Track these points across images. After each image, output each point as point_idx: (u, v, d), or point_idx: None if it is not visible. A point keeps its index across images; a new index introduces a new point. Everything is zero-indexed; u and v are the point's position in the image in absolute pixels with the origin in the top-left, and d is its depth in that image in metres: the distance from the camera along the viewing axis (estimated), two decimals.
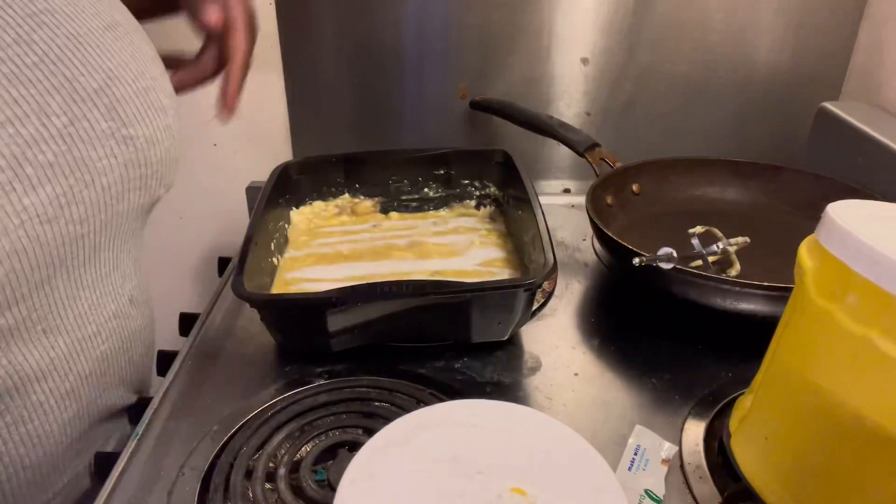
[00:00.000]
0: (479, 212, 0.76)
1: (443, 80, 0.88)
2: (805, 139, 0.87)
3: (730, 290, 0.53)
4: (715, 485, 0.44)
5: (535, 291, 0.54)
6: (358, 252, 0.69)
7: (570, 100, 0.89)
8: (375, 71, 0.86)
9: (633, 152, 0.79)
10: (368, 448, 0.35)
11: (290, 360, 0.56)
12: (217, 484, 0.43)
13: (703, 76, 0.88)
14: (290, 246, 0.70)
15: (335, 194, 0.76)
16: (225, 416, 0.50)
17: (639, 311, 0.64)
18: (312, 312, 0.53)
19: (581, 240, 0.76)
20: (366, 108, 0.89)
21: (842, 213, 0.35)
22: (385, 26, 0.84)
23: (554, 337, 0.59)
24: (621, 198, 0.74)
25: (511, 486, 0.33)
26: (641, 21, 0.84)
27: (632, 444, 0.47)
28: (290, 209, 0.74)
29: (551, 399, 0.52)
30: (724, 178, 0.78)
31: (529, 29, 0.84)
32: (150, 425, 0.49)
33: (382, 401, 0.50)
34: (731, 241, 0.61)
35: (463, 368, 0.55)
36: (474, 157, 0.76)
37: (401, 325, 0.55)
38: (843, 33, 0.86)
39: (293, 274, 0.65)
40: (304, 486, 0.43)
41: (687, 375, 0.54)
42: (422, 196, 0.77)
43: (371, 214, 0.77)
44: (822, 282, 0.36)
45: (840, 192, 0.57)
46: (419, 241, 0.70)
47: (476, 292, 0.52)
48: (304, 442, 0.47)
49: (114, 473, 0.45)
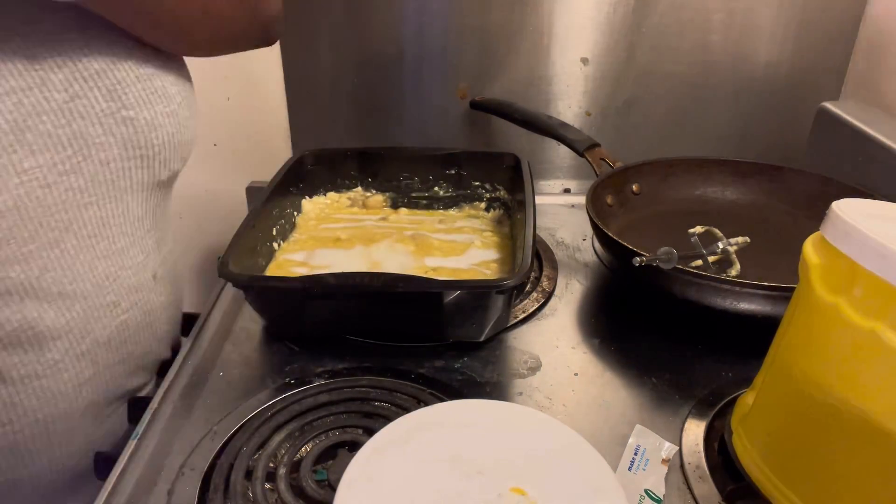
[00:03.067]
0: (488, 214, 0.76)
1: (443, 80, 0.88)
2: (805, 139, 0.87)
3: (730, 290, 0.53)
4: (715, 484, 0.44)
5: (511, 294, 0.54)
6: (355, 238, 0.70)
7: (570, 100, 0.89)
8: (375, 71, 0.87)
9: (633, 152, 0.80)
10: (368, 448, 0.35)
11: (291, 359, 0.56)
12: (217, 484, 0.43)
13: (703, 76, 0.88)
14: (296, 231, 0.72)
15: (348, 187, 0.78)
16: (225, 416, 0.50)
17: (639, 311, 0.64)
18: (285, 298, 0.55)
19: (581, 240, 0.76)
20: (366, 108, 0.89)
21: (847, 210, 0.35)
22: (385, 26, 0.84)
23: (554, 337, 0.59)
24: (621, 198, 0.74)
25: (511, 486, 0.33)
26: (641, 21, 0.84)
27: (632, 444, 0.47)
28: (303, 198, 0.76)
29: (551, 399, 0.52)
30: (724, 178, 0.78)
31: (529, 29, 0.84)
32: (150, 425, 0.49)
33: (382, 401, 0.50)
34: (731, 241, 0.61)
35: (463, 368, 0.55)
36: (485, 160, 0.77)
37: (376, 319, 0.56)
38: (843, 33, 0.86)
39: (287, 256, 0.67)
40: (305, 486, 0.43)
41: (687, 375, 0.54)
42: (432, 194, 0.78)
43: (381, 208, 0.78)
44: (827, 277, 0.36)
45: (840, 191, 0.57)
46: (421, 235, 0.71)
47: (446, 290, 0.52)
48: (304, 442, 0.47)
49: (114, 473, 0.45)
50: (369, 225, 0.73)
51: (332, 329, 0.57)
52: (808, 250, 0.38)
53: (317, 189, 0.77)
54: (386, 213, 0.77)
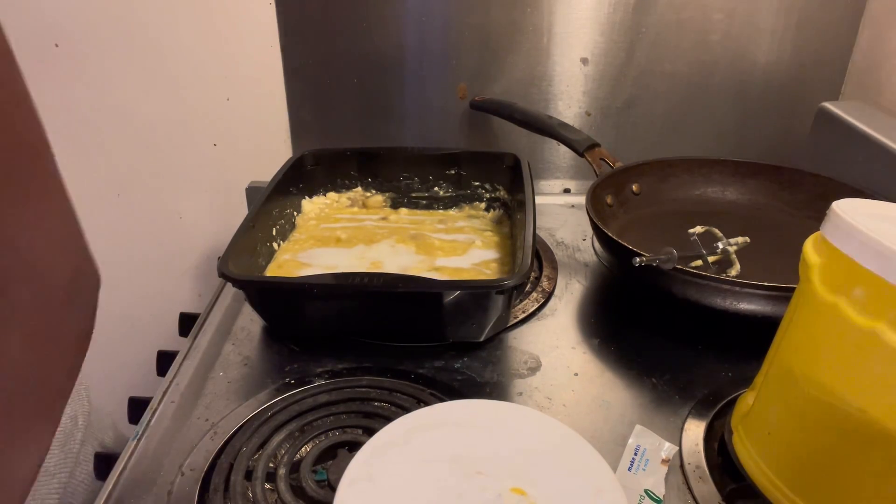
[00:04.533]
0: (488, 214, 0.76)
1: (443, 80, 0.88)
2: (805, 139, 0.87)
3: (730, 290, 0.53)
4: (715, 485, 0.44)
5: (510, 294, 0.54)
6: (356, 237, 0.70)
7: (570, 100, 0.89)
8: (375, 71, 0.86)
9: (633, 152, 0.79)
10: (368, 448, 0.35)
11: (291, 360, 0.56)
12: (217, 484, 0.43)
13: (703, 76, 0.88)
14: (296, 231, 0.72)
15: (348, 187, 0.78)
16: (225, 416, 0.50)
17: (639, 311, 0.64)
18: (285, 298, 0.55)
19: (581, 240, 0.76)
20: (366, 108, 0.89)
21: (847, 210, 0.35)
22: (385, 26, 0.84)
23: (554, 337, 0.59)
24: (621, 198, 0.74)
25: (511, 486, 0.33)
26: (641, 21, 0.84)
27: (632, 444, 0.47)
28: (303, 198, 0.76)
29: (551, 399, 0.52)
30: (724, 178, 0.78)
31: (529, 29, 0.84)
32: (150, 425, 0.49)
33: (382, 401, 0.50)
34: (731, 241, 0.61)
35: (463, 368, 0.55)
36: (485, 160, 0.77)
37: (375, 319, 0.56)
38: (843, 33, 0.86)
39: (287, 256, 0.67)
40: (304, 486, 0.43)
41: (687, 375, 0.54)
42: (432, 194, 0.78)
43: (381, 208, 0.78)
44: (827, 277, 0.36)
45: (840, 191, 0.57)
46: (422, 235, 0.71)
47: (446, 290, 0.52)
48: (304, 442, 0.47)
49: (114, 473, 0.45)
50: (369, 225, 0.73)
51: (332, 329, 0.57)
52: (808, 250, 0.39)
53: (317, 189, 0.77)
54: (386, 213, 0.77)
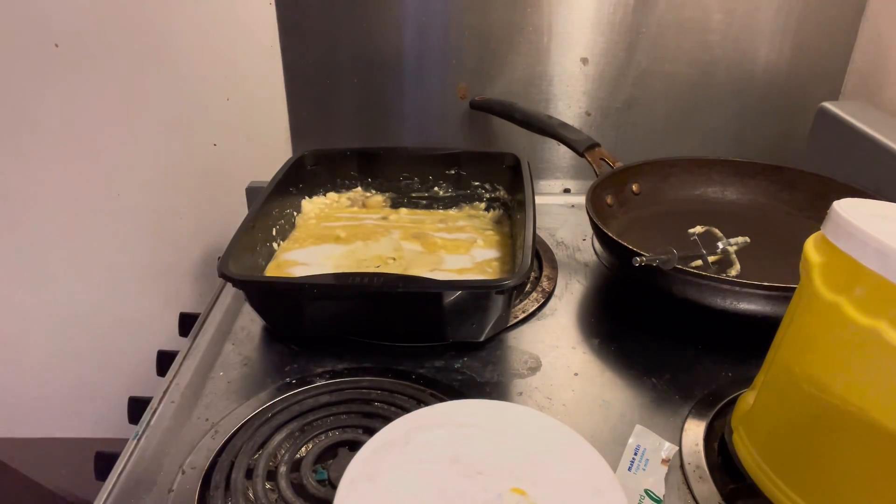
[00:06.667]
0: (487, 214, 0.76)
1: (443, 80, 0.88)
2: (805, 139, 0.87)
3: (730, 290, 0.53)
4: (715, 484, 0.44)
5: (510, 294, 0.54)
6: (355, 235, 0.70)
7: (570, 100, 0.89)
8: (375, 71, 0.86)
9: (633, 152, 0.80)
10: (369, 448, 0.35)
11: (291, 360, 0.56)
12: (218, 482, 0.43)
13: (703, 76, 0.88)
14: (296, 231, 0.72)
15: (348, 187, 0.78)
16: (225, 415, 0.50)
17: (639, 311, 0.64)
18: (285, 298, 0.55)
19: (581, 240, 0.76)
20: (366, 108, 0.89)
21: (848, 209, 0.35)
22: (385, 26, 0.84)
23: (554, 337, 0.59)
24: (621, 198, 0.74)
25: (511, 486, 0.33)
26: (641, 21, 0.84)
27: (632, 444, 0.47)
28: (303, 198, 0.76)
29: (551, 399, 0.52)
30: (724, 178, 0.78)
31: (529, 29, 0.84)
32: (150, 425, 0.49)
33: (382, 401, 0.50)
34: (731, 241, 0.61)
35: (463, 368, 0.55)
36: (485, 160, 0.77)
37: (376, 319, 0.56)
38: (843, 33, 0.86)
39: (286, 255, 0.67)
40: (305, 485, 0.43)
41: (687, 375, 0.54)
42: (432, 194, 0.78)
43: (381, 208, 0.78)
44: (828, 276, 0.36)
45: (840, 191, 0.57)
46: (423, 233, 0.71)
47: (446, 290, 0.52)
48: (305, 441, 0.47)
49: (114, 473, 0.45)
50: (370, 224, 0.73)
51: (333, 329, 0.57)
52: (809, 249, 0.39)
53: (316, 189, 0.77)
54: (386, 212, 0.77)
